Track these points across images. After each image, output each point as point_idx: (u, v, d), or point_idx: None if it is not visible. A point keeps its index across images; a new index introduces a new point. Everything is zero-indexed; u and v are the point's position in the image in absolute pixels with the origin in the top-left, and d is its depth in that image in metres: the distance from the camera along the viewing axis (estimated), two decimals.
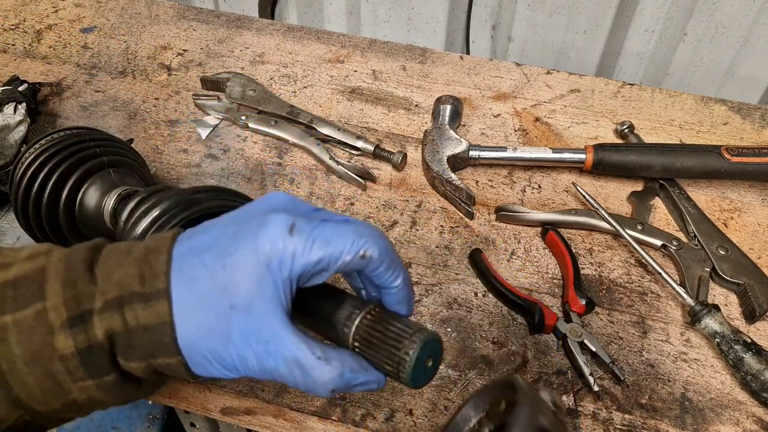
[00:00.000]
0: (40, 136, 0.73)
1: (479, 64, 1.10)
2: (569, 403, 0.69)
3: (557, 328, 0.73)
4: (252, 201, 0.47)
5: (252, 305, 0.40)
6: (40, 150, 0.71)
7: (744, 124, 1.01)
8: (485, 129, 1.00)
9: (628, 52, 1.37)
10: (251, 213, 0.43)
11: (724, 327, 0.72)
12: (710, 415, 0.69)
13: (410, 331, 0.42)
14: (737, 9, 1.22)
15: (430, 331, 0.43)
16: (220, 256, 0.41)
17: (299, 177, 0.91)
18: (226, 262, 0.40)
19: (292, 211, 0.42)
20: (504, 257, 0.83)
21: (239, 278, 0.40)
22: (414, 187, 0.91)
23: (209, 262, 0.41)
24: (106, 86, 1.04)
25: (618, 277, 0.81)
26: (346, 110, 1.02)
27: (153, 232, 0.60)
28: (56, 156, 0.70)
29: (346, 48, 1.12)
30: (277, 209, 0.42)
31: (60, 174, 0.70)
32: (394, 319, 0.43)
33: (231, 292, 0.40)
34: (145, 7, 1.19)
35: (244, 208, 0.45)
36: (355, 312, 0.44)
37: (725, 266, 0.79)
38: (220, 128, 0.98)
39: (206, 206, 0.62)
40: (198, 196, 0.63)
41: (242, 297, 0.40)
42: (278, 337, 0.40)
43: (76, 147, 0.72)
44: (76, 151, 0.72)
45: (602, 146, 0.88)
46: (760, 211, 0.89)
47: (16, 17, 1.16)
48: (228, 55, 1.10)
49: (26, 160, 0.71)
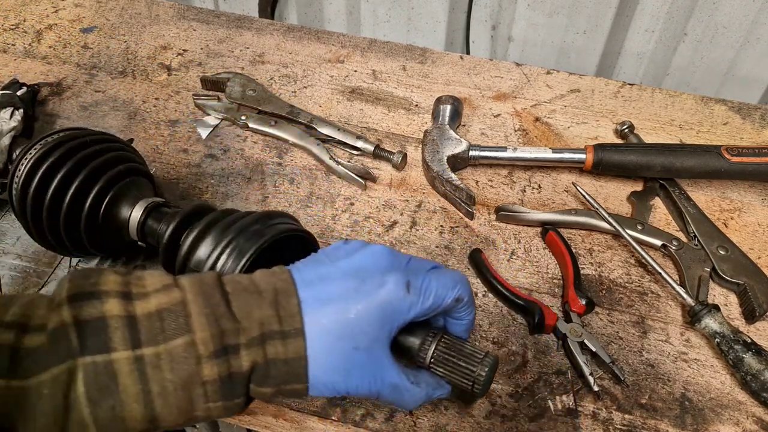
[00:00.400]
0: (42, 137, 0.71)
1: (479, 64, 1.10)
2: (569, 403, 0.69)
3: (557, 328, 0.73)
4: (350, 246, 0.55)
5: (372, 347, 0.50)
6: (43, 152, 0.69)
7: (744, 124, 1.01)
8: (485, 129, 1.00)
9: (628, 52, 1.37)
10: (367, 271, 0.52)
11: (724, 327, 0.72)
12: (710, 415, 0.69)
13: (480, 355, 0.54)
14: (737, 9, 1.22)
15: (493, 354, 0.56)
16: (345, 309, 0.50)
17: (299, 177, 0.91)
18: (354, 313, 0.50)
19: (399, 268, 0.52)
20: (504, 257, 0.83)
21: (364, 326, 0.50)
22: (414, 187, 0.91)
23: (338, 310, 0.50)
24: (106, 86, 1.04)
25: (618, 277, 0.81)
26: (346, 110, 1.02)
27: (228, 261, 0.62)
28: (68, 160, 0.69)
29: (346, 48, 1.12)
30: (390, 269, 0.52)
31: (82, 182, 0.69)
32: (462, 344, 0.55)
33: (357, 337, 0.50)
34: (145, 7, 1.19)
35: (354, 262, 0.53)
36: (427, 339, 0.55)
37: (725, 266, 0.79)
38: (220, 128, 0.98)
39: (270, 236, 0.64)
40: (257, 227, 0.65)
41: (365, 341, 0.50)
42: (386, 370, 0.52)
43: (88, 151, 0.70)
44: (90, 155, 0.70)
45: (602, 146, 0.88)
46: (760, 211, 0.89)
47: (16, 17, 1.16)
48: (228, 55, 1.10)
49: (31, 163, 0.68)
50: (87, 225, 0.70)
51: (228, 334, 0.47)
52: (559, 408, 0.69)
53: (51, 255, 0.80)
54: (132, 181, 0.73)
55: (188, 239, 0.65)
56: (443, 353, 0.54)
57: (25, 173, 0.69)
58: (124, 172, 0.72)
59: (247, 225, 0.65)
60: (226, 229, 0.65)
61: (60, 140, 0.71)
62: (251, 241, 0.63)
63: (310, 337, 0.49)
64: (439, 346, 0.55)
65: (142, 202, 0.72)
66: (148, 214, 0.71)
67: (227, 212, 0.69)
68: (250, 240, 0.63)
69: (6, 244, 0.82)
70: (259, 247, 0.62)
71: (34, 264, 0.80)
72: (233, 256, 0.62)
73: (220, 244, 0.63)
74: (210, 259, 0.63)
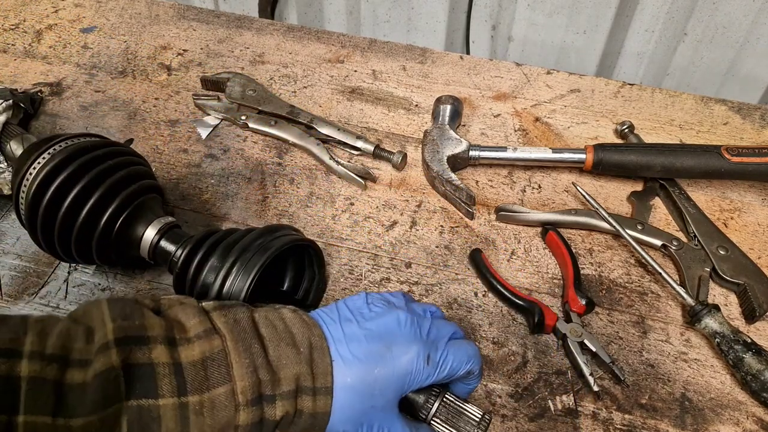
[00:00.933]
0: (51, 143, 0.69)
1: (479, 64, 1.10)
2: (569, 403, 0.69)
3: (557, 328, 0.73)
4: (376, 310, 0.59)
5: (386, 407, 0.55)
6: (58, 162, 0.67)
7: (744, 124, 1.01)
8: (485, 129, 1.00)
9: (628, 52, 1.37)
10: (392, 337, 0.56)
11: (724, 327, 0.72)
12: (710, 415, 0.69)
13: (478, 417, 0.58)
14: (737, 9, 1.22)
15: (489, 413, 0.61)
16: (370, 371, 0.54)
17: (299, 177, 0.91)
18: (377, 376, 0.54)
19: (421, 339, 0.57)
20: (504, 257, 0.83)
21: (384, 389, 0.54)
22: (414, 187, 0.91)
23: (364, 371, 0.54)
24: (106, 86, 1.04)
25: (618, 277, 0.81)
26: (346, 110, 1.02)
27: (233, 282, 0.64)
28: (85, 174, 0.67)
29: (346, 48, 1.12)
30: (413, 340, 0.56)
31: (99, 199, 0.68)
32: (463, 406, 0.59)
33: (375, 397, 0.54)
34: (145, 7, 1.19)
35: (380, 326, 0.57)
36: (431, 398, 0.59)
37: (725, 266, 0.79)
38: (220, 128, 0.98)
39: (276, 248, 0.65)
40: (260, 242, 0.66)
41: (381, 401, 0.54)
42: (393, 425, 0.56)
43: (105, 165, 0.69)
44: (107, 170, 0.69)
45: (602, 146, 0.88)
46: (760, 211, 0.89)
47: (16, 17, 1.16)
48: (228, 55, 1.10)
49: (45, 172, 0.66)
50: (99, 241, 0.70)
51: (265, 384, 0.51)
52: (559, 408, 0.69)
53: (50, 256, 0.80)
54: (146, 198, 0.73)
55: (194, 262, 0.66)
56: (444, 411, 0.59)
57: (37, 183, 0.66)
58: (140, 190, 0.72)
59: (250, 242, 0.66)
60: (230, 247, 0.66)
61: (74, 150, 0.68)
62: (256, 257, 0.64)
63: (338, 395, 0.53)
64: (442, 404, 0.59)
65: (156, 223, 0.72)
66: (162, 235, 0.71)
67: (230, 232, 0.69)
68: (255, 256, 0.64)
69: (6, 244, 0.82)
70: (264, 263, 0.64)
71: (34, 264, 0.80)
72: (240, 274, 0.63)
73: (227, 264, 0.64)
74: (218, 281, 0.64)
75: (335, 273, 0.80)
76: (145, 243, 0.71)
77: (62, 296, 0.76)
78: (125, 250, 0.73)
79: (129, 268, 0.79)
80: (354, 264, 0.81)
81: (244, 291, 0.62)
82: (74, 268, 0.79)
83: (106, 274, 0.79)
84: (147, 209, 0.73)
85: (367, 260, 0.82)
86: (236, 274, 0.63)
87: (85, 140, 0.72)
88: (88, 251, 0.71)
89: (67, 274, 0.79)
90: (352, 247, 0.83)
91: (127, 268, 0.79)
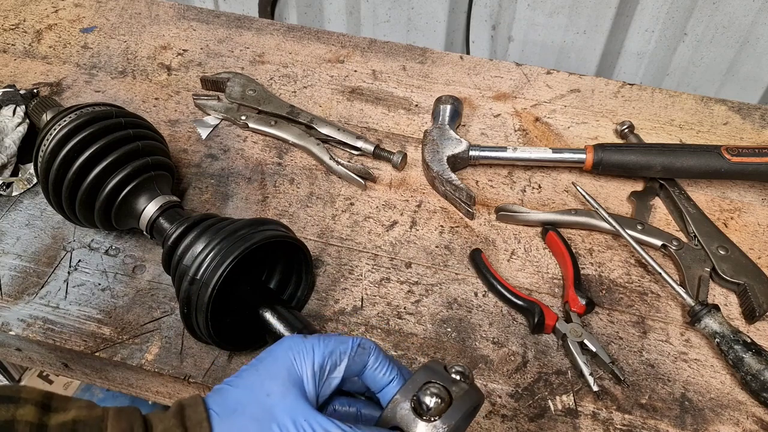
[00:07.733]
0: (75, 107, 0.72)
1: (479, 64, 1.10)
2: (569, 403, 0.69)
3: (557, 328, 0.73)
4: None
5: None
6: (77, 124, 0.69)
7: (744, 124, 1.01)
8: (485, 129, 1.00)
9: (628, 52, 1.37)
10: None
11: (724, 327, 0.72)
12: (710, 415, 0.69)
13: None
14: (737, 9, 1.22)
15: None
16: None
17: (299, 177, 0.91)
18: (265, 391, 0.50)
19: None
20: (504, 257, 0.83)
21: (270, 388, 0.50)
22: (414, 187, 0.91)
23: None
24: (106, 86, 1.04)
25: (618, 277, 0.81)
26: (346, 110, 1.02)
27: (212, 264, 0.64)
28: (99, 139, 0.70)
29: (346, 48, 1.12)
30: None
31: (108, 165, 0.71)
32: None
33: None
34: (145, 7, 1.19)
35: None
36: None
37: (725, 266, 0.79)
38: (220, 128, 0.98)
39: (254, 241, 0.65)
40: (243, 232, 0.66)
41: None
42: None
43: (121, 134, 0.71)
44: (122, 139, 0.71)
45: (602, 146, 0.88)
46: (760, 211, 0.89)
47: (16, 17, 1.16)
48: (228, 55, 1.10)
49: (63, 132, 0.69)
50: (102, 207, 0.72)
51: None
52: (559, 408, 0.69)
53: (51, 255, 0.80)
54: (156, 174, 0.75)
55: (182, 243, 0.67)
56: None
57: (55, 141, 0.69)
58: (151, 165, 0.73)
59: (235, 230, 0.66)
60: (216, 233, 0.66)
61: (95, 115, 0.71)
62: (235, 245, 0.64)
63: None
64: None
65: (159, 199, 0.73)
66: (161, 212, 0.73)
67: (224, 218, 0.70)
68: (234, 244, 0.64)
69: (6, 244, 0.82)
70: (242, 252, 0.63)
71: (34, 264, 0.80)
72: (217, 259, 0.63)
73: (208, 247, 0.64)
74: (196, 261, 0.64)
75: (335, 273, 0.80)
76: (145, 217, 0.73)
77: (62, 296, 0.76)
78: (126, 220, 0.75)
79: (128, 233, 0.79)
80: (354, 264, 0.81)
81: (214, 281, 0.62)
82: (74, 268, 0.79)
83: (107, 274, 0.79)
84: (154, 184, 0.74)
85: (367, 260, 0.82)
86: (210, 263, 0.63)
87: (109, 108, 0.75)
88: (91, 213, 0.73)
89: (67, 274, 0.79)
90: (352, 247, 0.83)
91: (126, 233, 0.79)
